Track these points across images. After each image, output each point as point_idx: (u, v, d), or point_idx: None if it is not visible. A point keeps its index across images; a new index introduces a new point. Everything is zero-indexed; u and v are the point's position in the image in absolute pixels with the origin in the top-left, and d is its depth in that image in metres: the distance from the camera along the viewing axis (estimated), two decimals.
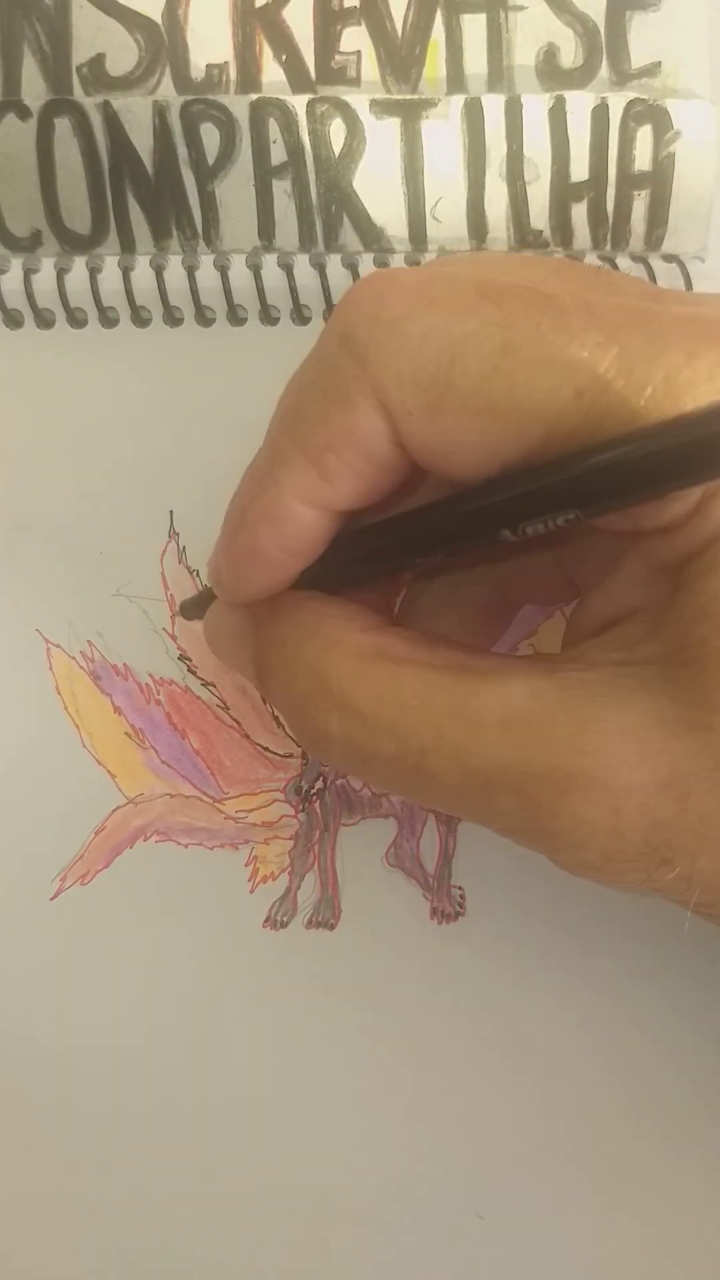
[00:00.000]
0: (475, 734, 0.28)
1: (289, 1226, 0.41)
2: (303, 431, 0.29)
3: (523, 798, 0.28)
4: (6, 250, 0.40)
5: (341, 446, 0.28)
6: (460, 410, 0.26)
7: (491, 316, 0.26)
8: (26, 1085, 0.40)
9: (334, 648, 0.30)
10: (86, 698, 0.41)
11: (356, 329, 0.27)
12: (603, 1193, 0.41)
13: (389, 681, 0.29)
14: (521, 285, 0.27)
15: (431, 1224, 0.41)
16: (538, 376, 0.26)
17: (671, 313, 0.27)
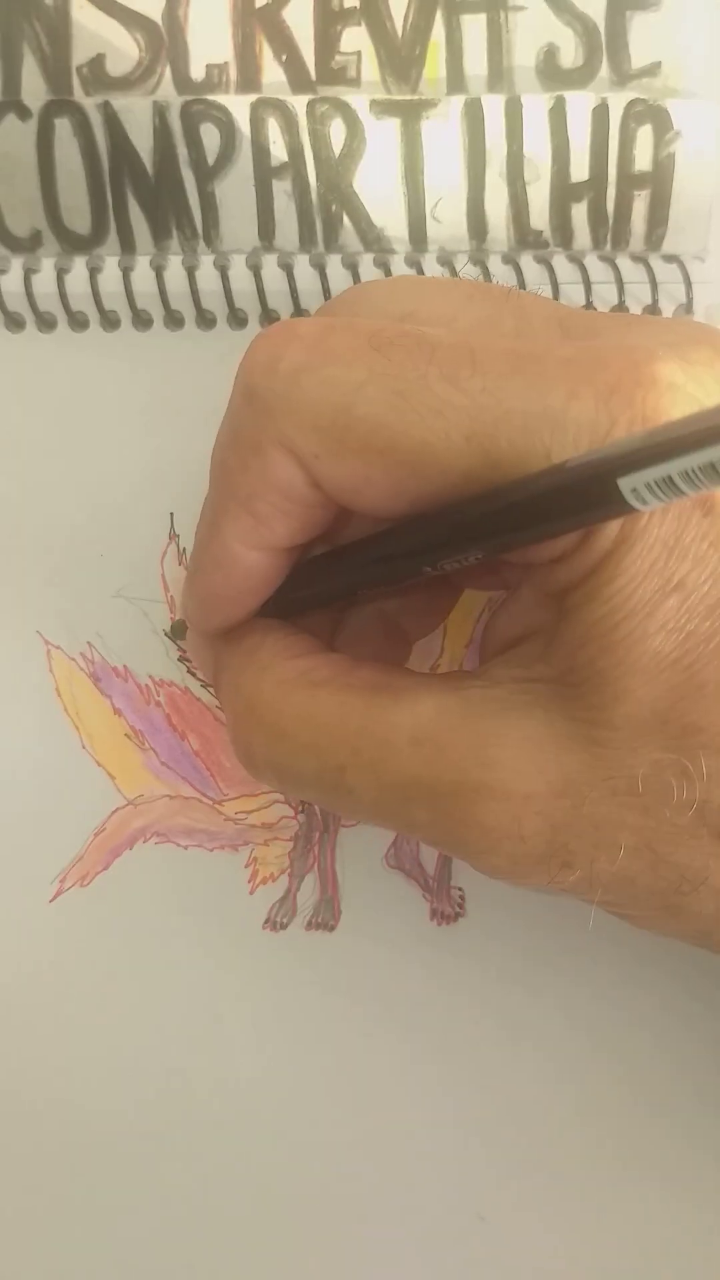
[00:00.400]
0: (388, 751, 0.30)
1: (289, 1227, 0.41)
2: (231, 483, 0.30)
3: (435, 810, 0.30)
4: (6, 250, 0.40)
5: (265, 492, 0.30)
6: (360, 452, 0.28)
7: (382, 367, 0.28)
8: (26, 1087, 0.40)
9: (264, 672, 0.32)
10: (86, 699, 0.41)
11: (256, 382, 0.29)
12: (604, 1193, 0.41)
13: (309, 704, 0.31)
14: (410, 336, 0.28)
15: (432, 1225, 0.41)
16: (428, 423, 0.27)
17: (554, 354, 0.28)
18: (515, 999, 0.41)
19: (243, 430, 0.30)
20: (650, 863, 0.29)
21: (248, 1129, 0.41)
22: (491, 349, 0.28)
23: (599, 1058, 0.41)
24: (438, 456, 0.27)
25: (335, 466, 0.28)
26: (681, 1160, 0.41)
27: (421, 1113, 0.41)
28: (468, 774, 0.29)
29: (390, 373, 0.28)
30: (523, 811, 0.29)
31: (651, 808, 0.29)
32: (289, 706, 0.31)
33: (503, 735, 0.29)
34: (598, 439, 0.27)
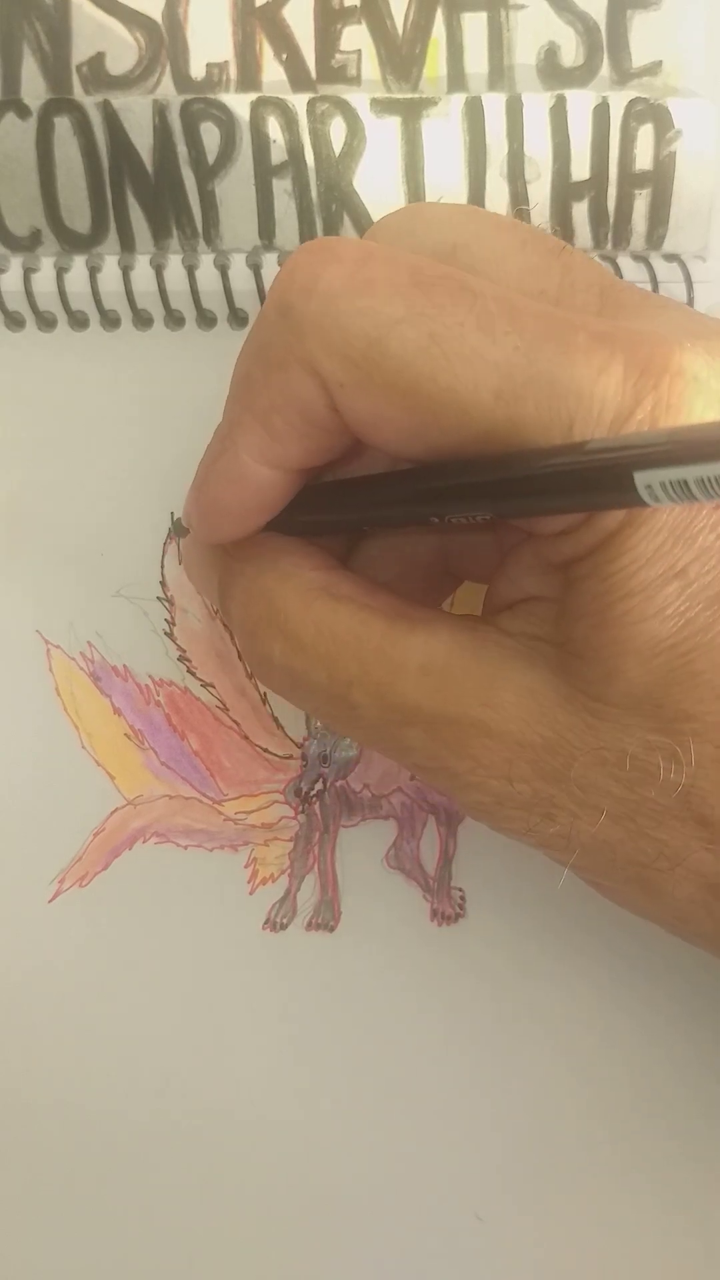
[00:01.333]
0: (396, 674, 0.30)
1: (288, 1227, 0.41)
2: (251, 396, 0.30)
3: (431, 737, 0.31)
4: (6, 249, 0.40)
5: (284, 409, 0.30)
6: (386, 388, 0.28)
7: (421, 306, 0.27)
8: (26, 1087, 0.40)
9: (286, 580, 0.32)
10: (86, 699, 0.41)
11: (292, 300, 0.29)
12: (602, 1193, 0.41)
13: (328, 616, 0.31)
14: (453, 279, 0.28)
15: (430, 1225, 0.41)
16: (459, 371, 0.27)
17: (590, 327, 0.28)
18: (515, 999, 0.41)
19: (271, 345, 0.29)
20: (631, 833, 0.30)
21: (247, 1129, 0.41)
22: (531, 309, 0.28)
23: (598, 1058, 0.41)
24: (463, 407, 0.27)
25: (358, 398, 0.28)
26: (681, 1160, 0.41)
27: (420, 1113, 0.41)
28: (468, 710, 0.30)
29: (428, 314, 0.27)
30: (516, 755, 0.30)
31: (637, 784, 0.29)
32: (310, 615, 0.31)
33: (508, 681, 0.30)
34: (620, 418, 0.27)
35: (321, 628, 0.31)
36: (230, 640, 0.40)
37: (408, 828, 0.41)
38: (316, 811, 0.41)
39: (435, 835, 0.41)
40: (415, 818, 0.41)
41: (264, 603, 0.32)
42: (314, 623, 0.31)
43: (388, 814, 0.41)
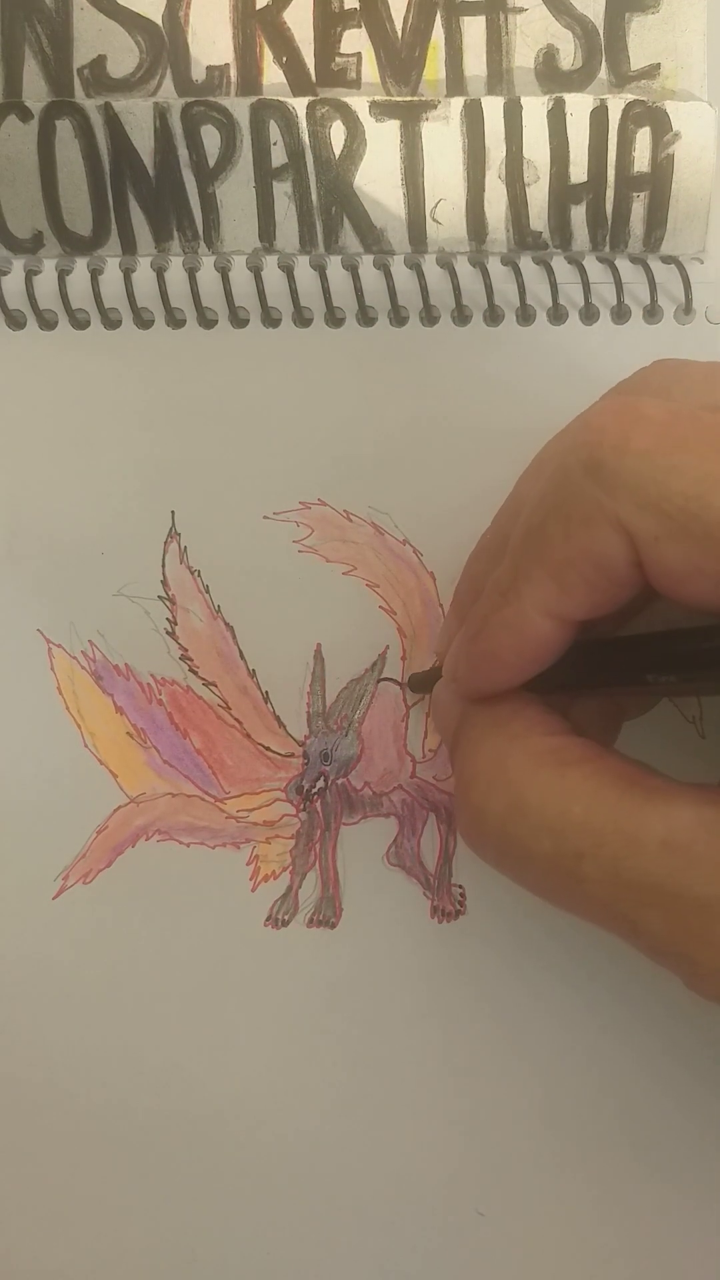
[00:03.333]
0: (634, 849, 0.29)
1: (290, 1223, 0.41)
2: (546, 549, 0.30)
3: (671, 920, 0.29)
4: (8, 252, 0.40)
5: (582, 563, 0.30)
6: (704, 540, 0.28)
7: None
8: (29, 1082, 0.40)
9: (516, 740, 0.32)
10: (88, 698, 0.41)
11: (604, 457, 0.29)
12: (603, 1190, 0.41)
13: (558, 783, 0.30)
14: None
15: (432, 1221, 0.41)
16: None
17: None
18: (515, 996, 0.41)
19: (575, 501, 0.29)
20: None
21: (248, 1125, 0.41)
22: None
23: (599, 1054, 0.41)
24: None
25: (672, 550, 0.28)
26: (681, 1157, 0.41)
27: (421, 1109, 0.41)
28: (718, 890, 0.28)
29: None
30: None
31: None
32: (536, 780, 0.31)
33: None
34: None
35: (549, 794, 0.30)
36: (232, 639, 0.41)
37: (408, 825, 0.41)
38: (318, 809, 0.41)
39: (435, 833, 0.41)
40: (416, 815, 0.41)
41: (490, 759, 0.32)
42: (541, 788, 0.31)
43: (389, 811, 0.41)
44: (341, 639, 0.41)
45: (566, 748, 0.31)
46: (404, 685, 0.41)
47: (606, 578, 0.30)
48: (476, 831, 0.32)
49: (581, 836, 0.30)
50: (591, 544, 0.29)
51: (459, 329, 0.41)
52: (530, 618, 0.31)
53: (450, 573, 0.41)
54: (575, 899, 0.31)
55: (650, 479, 0.28)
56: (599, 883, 0.29)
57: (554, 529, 0.30)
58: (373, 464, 0.41)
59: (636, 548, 0.29)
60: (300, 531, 0.41)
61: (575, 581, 0.30)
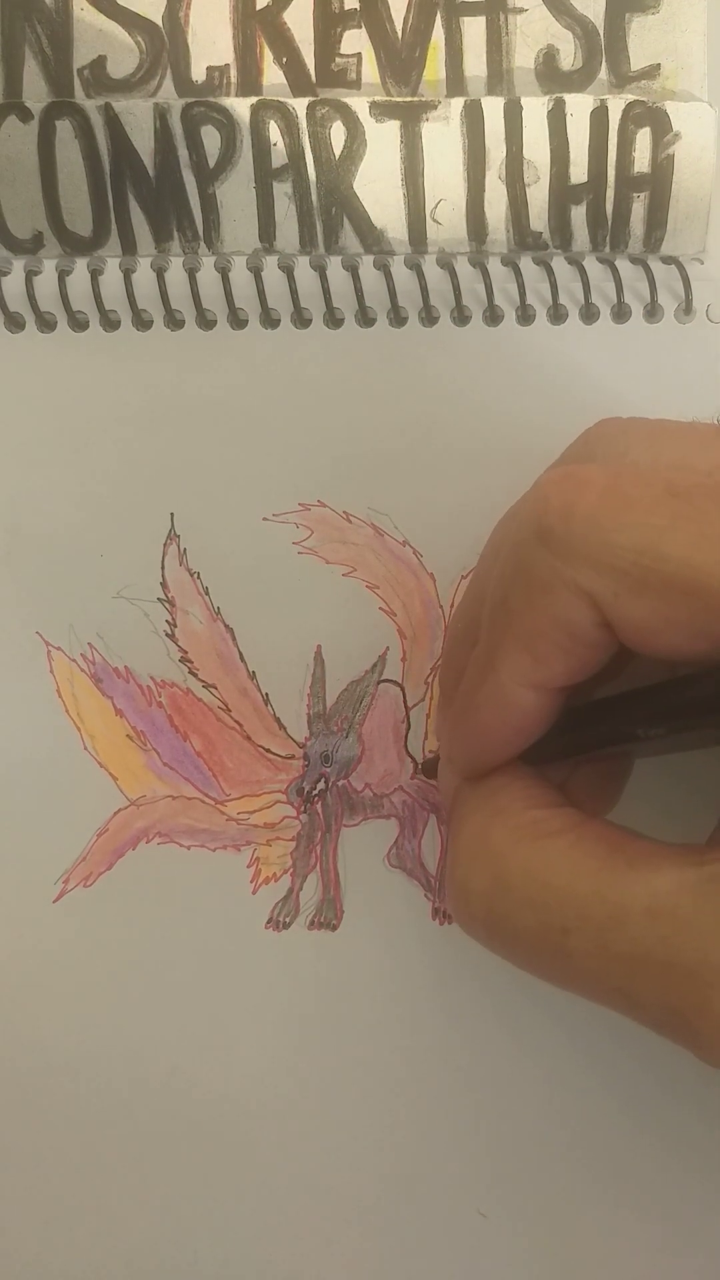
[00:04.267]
0: (620, 919, 0.28)
1: (291, 1224, 0.41)
2: (512, 621, 0.30)
3: (664, 989, 0.28)
4: (8, 252, 0.40)
5: (551, 631, 0.30)
6: (665, 591, 0.28)
7: (686, 512, 0.28)
8: (30, 1086, 0.40)
9: (499, 816, 0.32)
10: (88, 700, 0.41)
11: (552, 523, 0.29)
12: (604, 1190, 0.41)
13: (539, 856, 0.30)
14: (709, 485, 0.28)
15: (433, 1221, 0.41)
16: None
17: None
18: (516, 997, 0.41)
19: (533, 570, 0.29)
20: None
21: (250, 1127, 0.41)
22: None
23: (599, 1055, 0.41)
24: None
25: (635, 606, 0.28)
26: (682, 1157, 0.41)
27: (422, 1110, 0.41)
28: (708, 955, 0.27)
29: (694, 516, 0.28)
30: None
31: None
32: (517, 855, 0.31)
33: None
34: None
35: (529, 869, 0.30)
36: (232, 641, 0.41)
37: (409, 827, 0.41)
38: (319, 811, 0.41)
39: (436, 834, 0.41)
40: (417, 817, 0.41)
41: (474, 836, 0.32)
42: (520, 864, 0.30)
43: (389, 813, 0.41)
44: (342, 640, 0.41)
45: (548, 819, 0.31)
46: (403, 686, 0.41)
47: (577, 642, 0.30)
48: (463, 909, 0.32)
49: (565, 910, 0.29)
50: (555, 610, 0.29)
51: (459, 329, 0.41)
52: (510, 690, 0.31)
53: (450, 574, 0.41)
54: (565, 974, 0.30)
55: (599, 540, 0.28)
56: (587, 956, 0.29)
57: (517, 601, 0.30)
58: (372, 465, 0.41)
59: (600, 608, 0.29)
60: (300, 533, 0.41)
61: (547, 650, 0.30)
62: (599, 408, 0.41)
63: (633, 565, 0.28)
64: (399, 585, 0.41)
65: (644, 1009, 0.29)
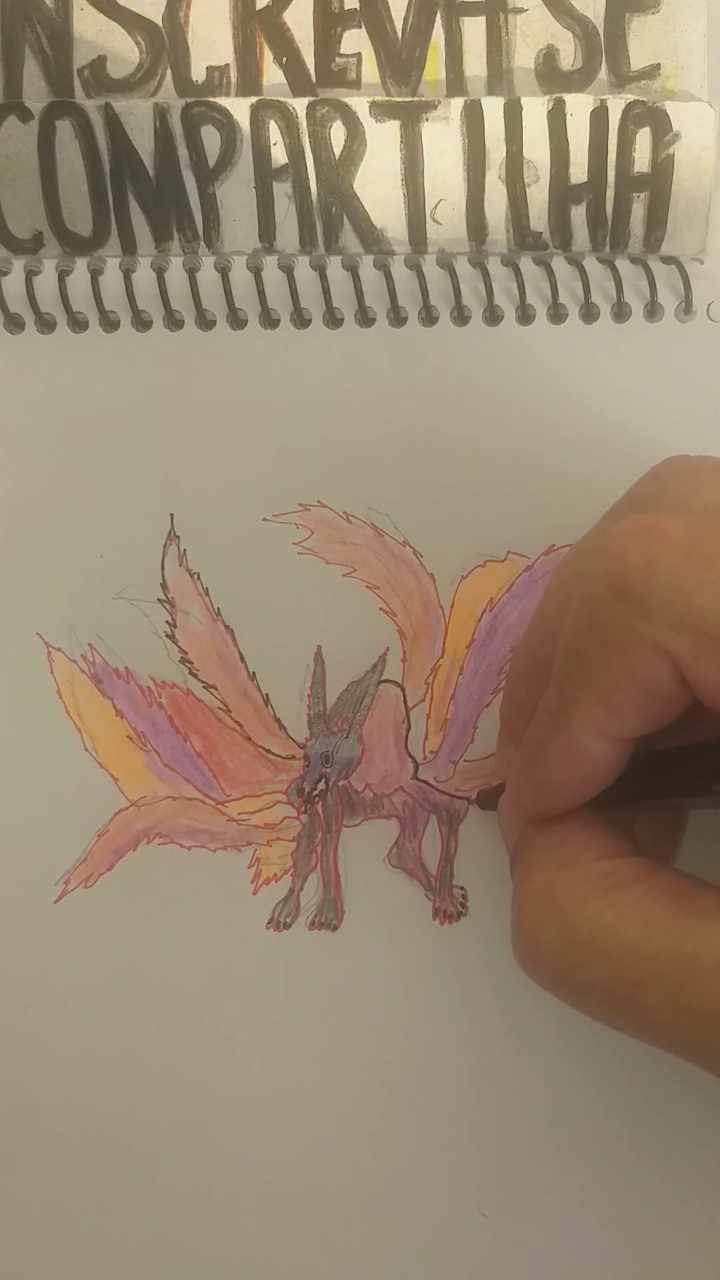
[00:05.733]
0: (693, 972, 0.28)
1: (292, 1224, 0.41)
2: (589, 675, 0.30)
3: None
4: (8, 252, 0.40)
5: (627, 686, 0.29)
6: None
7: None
8: (32, 1087, 0.40)
9: (567, 867, 0.32)
10: (88, 701, 0.41)
11: (632, 582, 0.29)
12: (606, 1190, 0.41)
13: (609, 909, 0.30)
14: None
15: (435, 1222, 0.41)
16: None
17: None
18: (517, 997, 0.41)
19: (610, 626, 0.29)
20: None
21: (251, 1127, 0.41)
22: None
23: (600, 1055, 0.41)
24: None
25: (713, 667, 0.28)
26: (682, 1157, 0.41)
27: (423, 1110, 0.41)
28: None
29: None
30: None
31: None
32: (587, 908, 0.30)
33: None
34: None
35: (601, 922, 0.30)
36: (232, 642, 0.41)
37: (409, 827, 0.41)
38: (319, 811, 0.41)
39: (437, 834, 0.41)
40: (417, 817, 0.41)
41: (542, 888, 0.32)
42: (590, 917, 0.30)
43: (390, 813, 0.41)
44: (342, 641, 0.41)
45: (618, 870, 0.31)
46: (403, 687, 0.41)
47: (654, 696, 0.29)
48: (531, 962, 0.32)
49: (637, 963, 0.29)
50: (633, 667, 0.29)
51: (458, 329, 0.41)
52: (583, 742, 0.31)
53: (451, 574, 0.41)
54: (638, 1027, 0.30)
55: (680, 600, 0.28)
56: (660, 1009, 0.29)
57: (593, 655, 0.30)
58: (372, 465, 0.41)
59: (679, 667, 0.28)
60: (300, 533, 0.41)
61: (623, 703, 0.30)
62: (599, 407, 0.42)
63: (714, 627, 0.27)
64: (399, 585, 0.41)
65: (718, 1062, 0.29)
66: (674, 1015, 0.29)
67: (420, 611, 0.41)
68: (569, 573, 0.34)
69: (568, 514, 0.41)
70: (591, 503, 0.41)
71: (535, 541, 0.41)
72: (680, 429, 0.42)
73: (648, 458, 0.41)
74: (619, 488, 0.41)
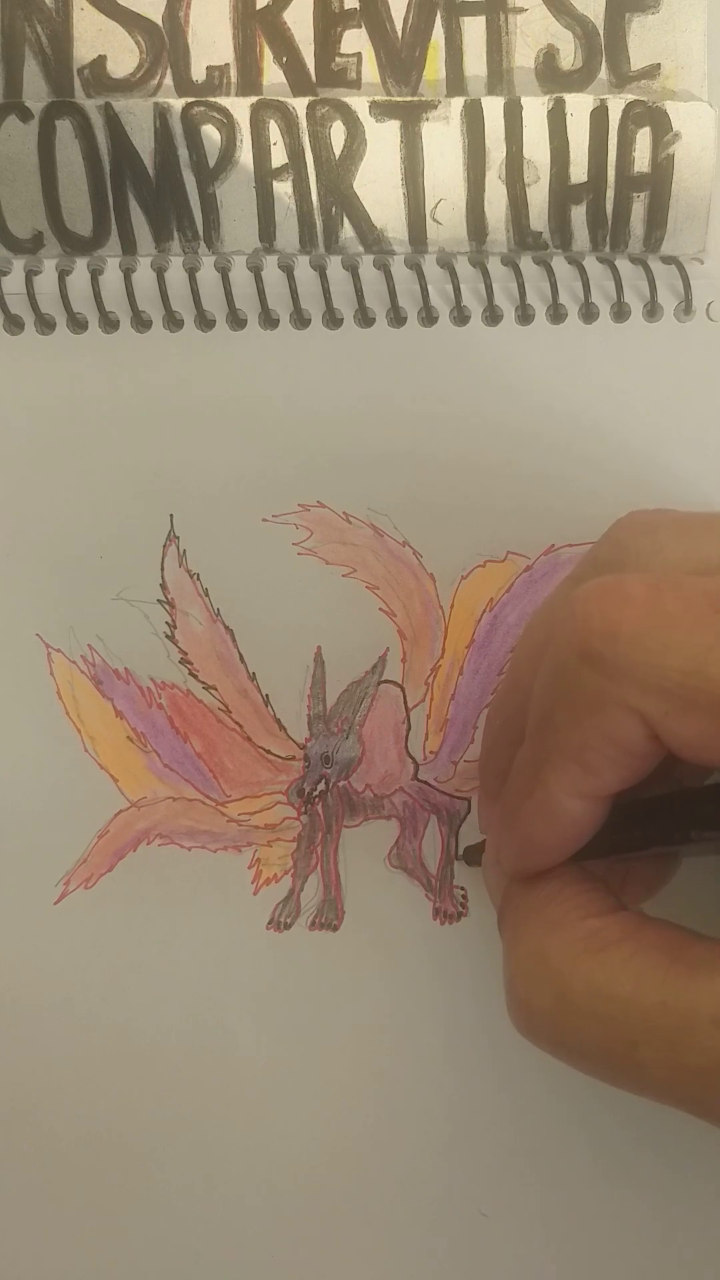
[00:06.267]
0: (688, 1029, 0.28)
1: (293, 1224, 0.41)
2: (561, 737, 0.30)
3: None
4: (8, 252, 0.40)
5: (600, 745, 0.30)
6: (713, 709, 0.28)
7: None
8: (32, 1088, 0.40)
9: (555, 929, 0.31)
10: (88, 702, 0.41)
11: (597, 646, 0.29)
12: (606, 1189, 0.41)
13: (600, 970, 0.30)
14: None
15: (435, 1221, 0.41)
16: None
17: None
18: None
19: (578, 689, 0.29)
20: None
21: (252, 1127, 0.41)
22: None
23: None
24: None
25: (685, 725, 0.28)
26: (682, 1156, 0.41)
27: (423, 1109, 0.41)
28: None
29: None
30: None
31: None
32: (578, 970, 0.30)
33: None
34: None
35: (592, 984, 0.30)
36: (232, 642, 0.41)
37: (410, 827, 0.41)
38: (319, 812, 0.41)
39: (437, 835, 0.41)
40: (417, 817, 0.41)
41: (532, 951, 0.32)
42: (582, 979, 0.30)
43: (390, 814, 0.41)
44: (342, 641, 0.41)
45: (605, 929, 0.31)
46: (403, 687, 0.41)
47: (627, 754, 0.30)
48: (527, 1026, 0.32)
49: (632, 1023, 0.29)
50: (605, 727, 0.29)
51: (458, 329, 0.41)
52: (560, 801, 0.31)
53: (450, 574, 0.41)
54: (637, 1085, 0.30)
55: (645, 662, 0.28)
56: (659, 1067, 0.29)
57: (565, 717, 0.30)
58: (372, 465, 0.41)
59: (650, 724, 0.29)
60: (299, 534, 0.41)
61: (597, 762, 0.30)
62: (598, 407, 0.42)
63: (680, 686, 0.28)
64: (399, 586, 0.41)
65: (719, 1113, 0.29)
66: (673, 1073, 0.29)
67: (420, 612, 0.41)
68: (539, 634, 0.35)
69: (567, 514, 0.41)
70: (591, 503, 0.41)
71: (535, 541, 0.41)
72: (680, 429, 0.42)
73: (647, 457, 0.42)
74: (619, 488, 0.41)
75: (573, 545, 0.41)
